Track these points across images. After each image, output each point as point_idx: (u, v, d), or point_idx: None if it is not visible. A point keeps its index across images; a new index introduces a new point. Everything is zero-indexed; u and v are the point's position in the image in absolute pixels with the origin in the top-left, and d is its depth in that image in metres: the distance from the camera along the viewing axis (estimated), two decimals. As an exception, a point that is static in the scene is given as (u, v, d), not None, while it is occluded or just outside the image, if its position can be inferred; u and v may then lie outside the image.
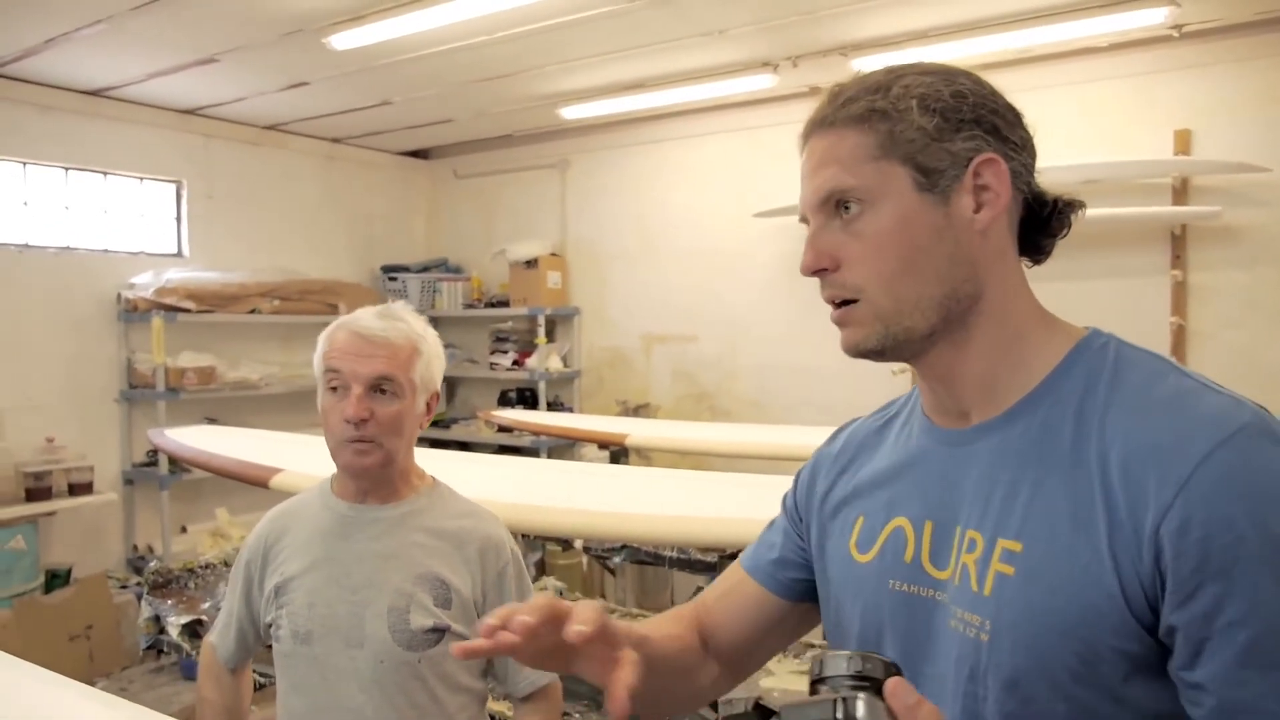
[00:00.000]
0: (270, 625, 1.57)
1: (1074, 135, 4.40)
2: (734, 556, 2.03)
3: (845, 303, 0.86)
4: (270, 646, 1.60)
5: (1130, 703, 0.74)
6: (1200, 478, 0.70)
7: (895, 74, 0.86)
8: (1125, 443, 0.75)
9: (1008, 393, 0.85)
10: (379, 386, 1.50)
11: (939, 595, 0.84)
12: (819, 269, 0.87)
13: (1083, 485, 0.76)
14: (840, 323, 0.87)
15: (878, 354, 0.86)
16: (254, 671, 1.79)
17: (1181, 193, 4.23)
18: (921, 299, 0.83)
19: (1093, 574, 0.74)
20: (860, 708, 0.60)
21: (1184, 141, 4.23)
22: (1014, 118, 0.86)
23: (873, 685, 0.61)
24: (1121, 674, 0.74)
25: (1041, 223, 0.89)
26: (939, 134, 0.82)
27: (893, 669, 0.63)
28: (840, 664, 0.63)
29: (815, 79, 4.85)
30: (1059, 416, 0.81)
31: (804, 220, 0.90)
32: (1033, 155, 0.87)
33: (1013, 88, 0.88)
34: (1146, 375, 0.80)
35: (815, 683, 0.64)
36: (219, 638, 1.69)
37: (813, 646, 2.57)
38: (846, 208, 0.85)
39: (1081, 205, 0.90)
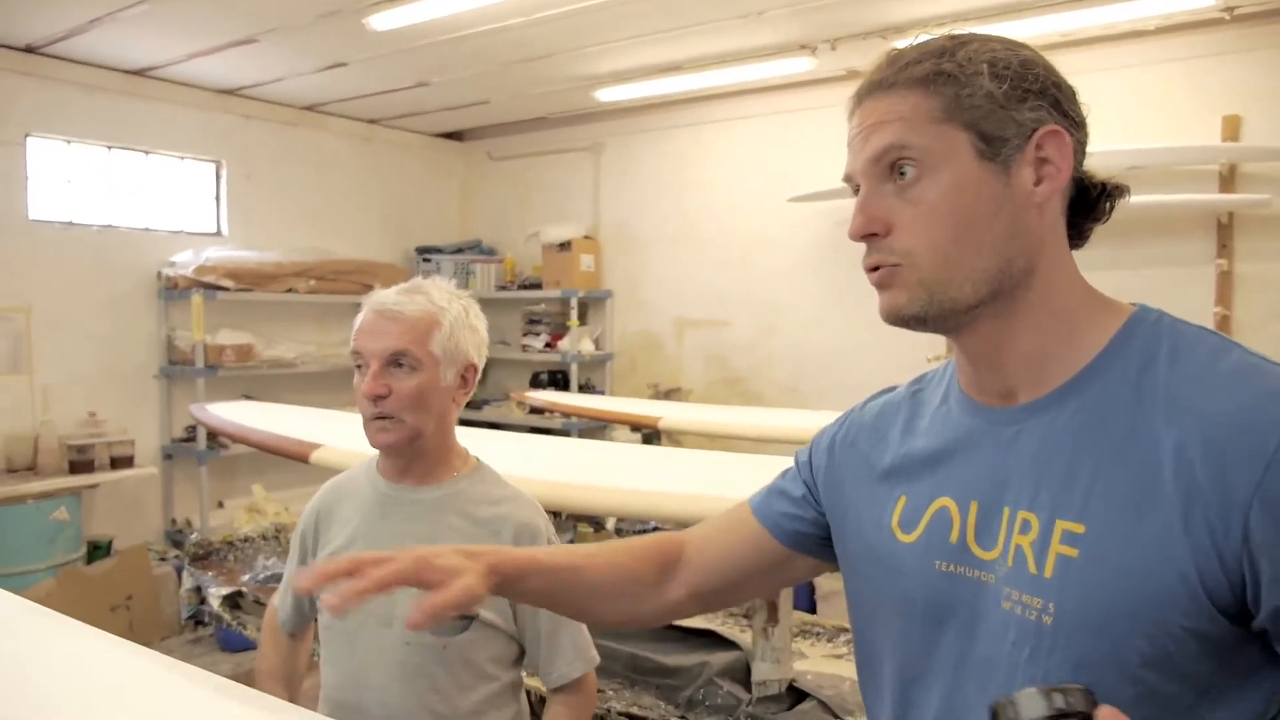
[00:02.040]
0: (319, 597, 1.59)
1: (1120, 120, 4.32)
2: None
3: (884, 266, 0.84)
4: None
5: (1197, 682, 0.74)
6: None
7: (959, 40, 0.83)
8: (1200, 419, 0.74)
9: (1056, 371, 0.83)
10: (396, 361, 1.48)
11: (985, 576, 0.82)
12: (869, 233, 0.84)
13: (1149, 464, 0.74)
14: (881, 285, 0.84)
15: (919, 322, 0.84)
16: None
17: (1229, 180, 4.15)
18: (974, 270, 0.81)
19: (1164, 554, 0.72)
20: None
21: (1233, 127, 4.13)
22: (1072, 94, 0.84)
23: (1080, 718, 0.61)
24: (1191, 655, 0.73)
25: (1087, 205, 0.87)
26: (1006, 101, 0.80)
27: (1090, 695, 0.62)
28: (1038, 704, 0.62)
29: (854, 62, 4.79)
30: (1115, 394, 0.79)
31: (848, 183, 0.87)
32: (1086, 134, 0.85)
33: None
34: (1209, 350, 0.78)
35: None
36: (280, 601, 1.72)
37: (845, 630, 2.56)
38: (902, 172, 0.82)
39: (1126, 191, 0.87)
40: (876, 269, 0.84)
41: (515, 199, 6.77)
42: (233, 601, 2.88)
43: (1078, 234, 0.87)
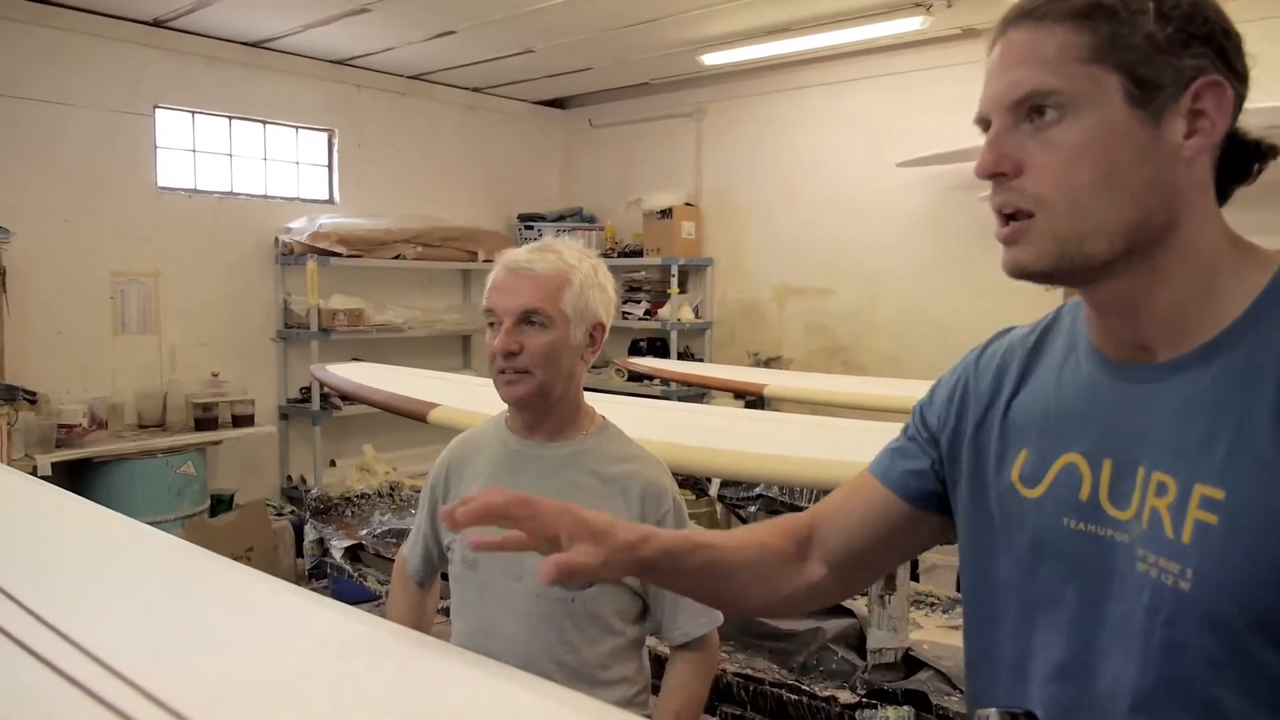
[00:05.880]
0: (448, 548, 1.64)
1: None
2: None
3: (1016, 216, 0.79)
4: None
5: None
6: None
7: None
8: None
9: (1200, 328, 0.78)
10: (527, 318, 1.50)
11: (1119, 535, 0.80)
12: (997, 172, 0.80)
13: None
14: (1008, 240, 0.81)
15: (1045, 277, 0.80)
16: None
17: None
18: (1110, 223, 0.77)
19: None
20: None
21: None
22: (1240, 44, 0.78)
23: None
24: None
25: (1236, 165, 0.81)
26: (1167, 45, 0.74)
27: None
28: None
29: (970, 20, 4.62)
30: (1263, 354, 0.75)
31: (981, 123, 0.83)
32: (1247, 89, 0.78)
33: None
34: None
35: None
36: (409, 551, 1.77)
37: (956, 601, 2.51)
38: (1041, 113, 0.77)
39: (1278, 152, 0.82)
40: (1008, 221, 0.80)
41: (616, 166, 6.77)
42: (353, 554, 2.99)
43: (1220, 194, 0.81)
